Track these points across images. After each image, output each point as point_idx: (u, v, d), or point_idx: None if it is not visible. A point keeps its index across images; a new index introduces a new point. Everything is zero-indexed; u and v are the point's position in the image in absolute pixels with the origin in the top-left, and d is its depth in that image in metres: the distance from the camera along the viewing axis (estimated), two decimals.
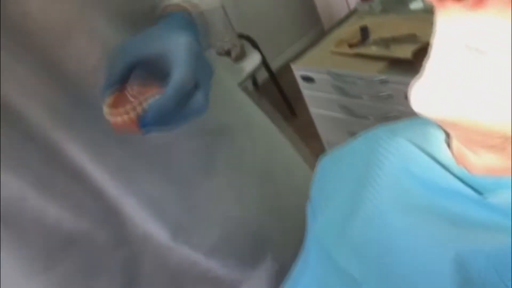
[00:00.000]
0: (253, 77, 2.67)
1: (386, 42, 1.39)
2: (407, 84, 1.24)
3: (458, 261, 0.34)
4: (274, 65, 2.82)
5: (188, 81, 0.50)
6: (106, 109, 0.50)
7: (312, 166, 0.80)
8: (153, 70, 0.53)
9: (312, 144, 2.32)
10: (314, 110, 1.70)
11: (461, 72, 0.33)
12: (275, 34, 3.01)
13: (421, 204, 0.41)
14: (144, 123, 0.49)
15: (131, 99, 0.50)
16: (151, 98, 0.49)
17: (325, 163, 0.59)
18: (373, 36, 1.47)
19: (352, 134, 1.58)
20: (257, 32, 2.56)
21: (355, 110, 1.52)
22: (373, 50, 1.42)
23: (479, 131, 0.34)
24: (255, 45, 2.45)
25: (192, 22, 0.61)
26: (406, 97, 1.27)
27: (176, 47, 0.53)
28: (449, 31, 0.34)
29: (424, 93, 0.36)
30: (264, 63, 2.47)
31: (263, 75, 2.75)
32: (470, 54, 0.32)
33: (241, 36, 2.46)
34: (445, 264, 0.35)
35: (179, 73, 0.51)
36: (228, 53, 2.28)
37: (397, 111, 1.40)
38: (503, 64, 0.30)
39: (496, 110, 0.32)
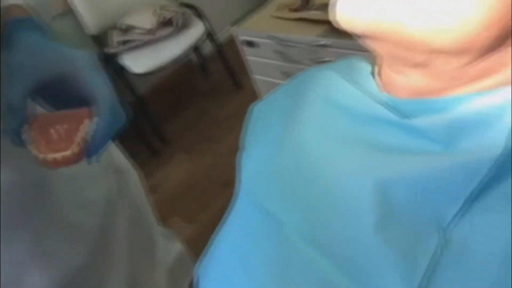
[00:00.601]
0: (198, 49, 2.61)
1: (327, 6, 1.38)
2: (348, 48, 1.25)
3: (381, 189, 0.33)
4: (222, 37, 2.76)
5: (112, 98, 0.49)
6: (36, 150, 0.47)
7: None
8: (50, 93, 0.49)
9: None
10: (258, 77, 1.67)
11: None
12: (219, 2, 2.94)
13: (345, 132, 0.39)
14: (93, 151, 0.49)
15: (61, 131, 0.49)
16: (88, 126, 0.49)
17: (256, 109, 0.57)
18: (315, 0, 1.46)
19: None
20: (202, 1, 2.49)
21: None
22: (314, 14, 1.40)
23: (403, 44, 0.32)
24: (200, 15, 2.38)
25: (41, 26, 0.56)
26: None
27: (80, 65, 0.50)
28: None
29: (347, 3, 0.34)
30: (209, 34, 2.41)
31: (208, 47, 2.69)
32: None
33: (185, 5, 2.39)
34: (367, 192, 0.34)
35: (102, 92, 0.49)
36: (169, 23, 2.20)
37: None
38: None
39: (417, 17, 0.30)
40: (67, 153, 0.47)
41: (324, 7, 1.39)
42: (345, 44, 1.27)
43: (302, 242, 0.38)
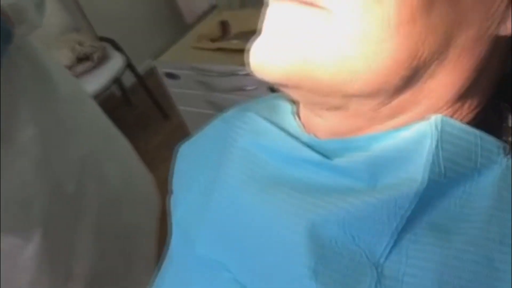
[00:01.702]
0: (119, 81, 2.55)
1: (246, 36, 1.41)
2: None
3: (313, 231, 0.33)
4: (142, 68, 2.72)
5: None
6: None
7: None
8: None
9: None
10: (183, 108, 1.66)
11: (296, 26, 0.31)
12: (138, 35, 2.90)
13: (272, 176, 0.39)
14: None
15: None
16: None
17: (182, 151, 0.56)
18: (233, 30, 1.48)
19: None
20: (118, 30, 2.45)
21: (222, 104, 1.52)
22: (233, 44, 1.42)
23: (320, 91, 0.32)
24: (118, 48, 2.34)
25: None
26: (268, 89, 1.30)
27: None
28: None
29: (262, 50, 0.33)
30: (130, 65, 2.37)
31: (129, 80, 2.64)
32: (303, 8, 0.30)
33: (103, 39, 2.34)
34: (300, 236, 0.33)
35: None
36: (88, 58, 2.15)
37: None
38: (336, 15, 0.29)
39: (332, 65, 0.30)
40: None
41: (243, 35, 1.41)
42: None
43: None
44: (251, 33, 1.32)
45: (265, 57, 0.33)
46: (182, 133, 2.07)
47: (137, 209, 1.05)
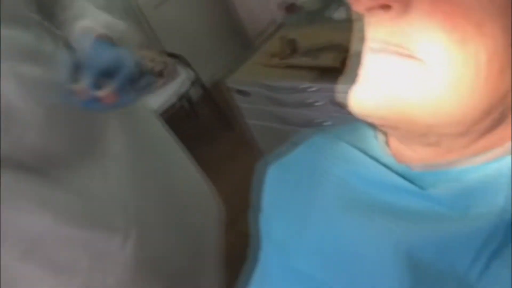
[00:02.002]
0: (187, 95, 2.66)
1: (314, 52, 1.45)
2: (337, 92, 1.29)
3: (409, 254, 0.36)
4: (206, 81, 2.82)
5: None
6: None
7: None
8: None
9: (249, 155, 2.35)
10: (252, 122, 1.72)
11: (393, 75, 0.35)
12: (204, 52, 3.02)
13: (369, 203, 0.43)
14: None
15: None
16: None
17: (272, 172, 0.60)
18: (301, 47, 1.53)
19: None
20: (187, 50, 2.56)
21: (291, 119, 1.56)
22: (302, 60, 1.47)
23: (416, 131, 0.37)
24: (186, 63, 2.44)
25: None
26: (337, 104, 1.32)
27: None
28: (379, 38, 0.36)
29: (362, 96, 0.38)
30: (197, 80, 2.47)
31: (197, 93, 2.74)
32: (401, 58, 0.35)
33: (172, 55, 2.45)
34: (397, 259, 0.37)
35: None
36: (160, 74, 2.26)
37: (330, 118, 1.46)
38: (433, 67, 0.33)
39: (428, 110, 0.34)
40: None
41: (312, 52, 1.46)
42: (336, 88, 1.33)
43: None
44: (319, 50, 1.40)
45: (365, 102, 0.37)
46: (246, 144, 2.13)
47: (199, 213, 1.13)
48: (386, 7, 0.34)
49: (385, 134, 0.47)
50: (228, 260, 1.88)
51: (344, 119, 0.46)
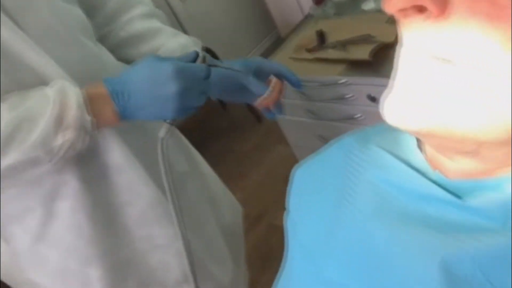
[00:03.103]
0: None
1: (343, 44, 1.42)
2: (367, 85, 1.30)
3: (444, 267, 0.35)
4: None
5: None
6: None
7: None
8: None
9: (279, 148, 2.35)
10: (281, 116, 1.71)
11: (430, 82, 0.33)
12: (232, 44, 3.02)
13: (401, 211, 0.41)
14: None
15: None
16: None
17: (300, 173, 0.59)
18: (329, 39, 1.50)
19: (319, 137, 1.61)
20: (215, 44, 2.56)
21: (320, 113, 1.55)
22: (331, 53, 1.44)
23: (454, 139, 0.35)
24: (215, 57, 2.45)
25: None
26: (368, 97, 1.30)
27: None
28: (414, 42, 0.34)
29: (397, 106, 0.36)
30: None
31: None
32: (438, 64, 0.32)
33: (202, 49, 2.45)
34: (432, 271, 0.35)
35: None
36: None
37: (361, 111, 1.43)
38: (470, 72, 0.31)
39: (468, 117, 0.32)
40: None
41: (340, 45, 1.43)
42: (365, 80, 1.32)
43: None
44: (347, 42, 1.39)
45: (400, 114, 0.35)
46: (275, 136, 2.12)
47: (229, 210, 1.15)
48: (421, 8, 0.32)
49: (418, 138, 0.45)
50: (257, 250, 1.90)
51: (375, 113, 0.44)
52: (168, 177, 0.76)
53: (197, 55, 0.74)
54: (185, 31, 2.68)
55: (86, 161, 0.77)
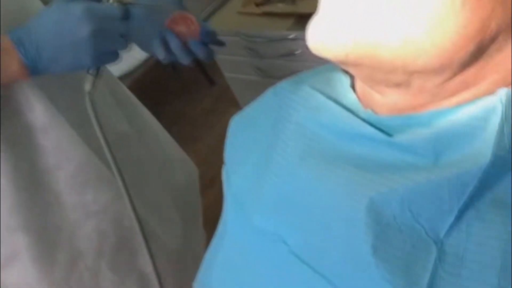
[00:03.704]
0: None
1: None
2: None
3: (372, 208, 0.33)
4: None
5: None
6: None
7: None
8: None
9: (232, 111, 2.31)
10: (229, 75, 1.66)
11: (358, 5, 0.30)
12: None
13: (330, 152, 0.39)
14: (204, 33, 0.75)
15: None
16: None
17: (235, 123, 0.57)
18: None
19: None
20: None
21: (269, 70, 1.51)
22: (279, 7, 1.40)
23: (382, 68, 0.32)
24: None
25: None
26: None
27: None
28: None
29: (321, 30, 0.33)
30: None
31: None
32: None
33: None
34: (360, 212, 0.33)
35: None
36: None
37: (311, 68, 1.40)
38: None
39: (394, 41, 0.29)
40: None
41: None
42: None
43: (301, 262, 0.38)
44: None
45: (324, 36, 0.32)
46: (229, 99, 2.08)
47: (182, 174, 1.11)
48: None
49: (352, 76, 0.42)
50: (210, 213, 1.89)
51: None
52: (104, 137, 0.70)
53: None
54: None
55: (5, 122, 0.70)
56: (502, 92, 0.31)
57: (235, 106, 1.92)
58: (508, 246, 0.29)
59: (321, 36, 0.32)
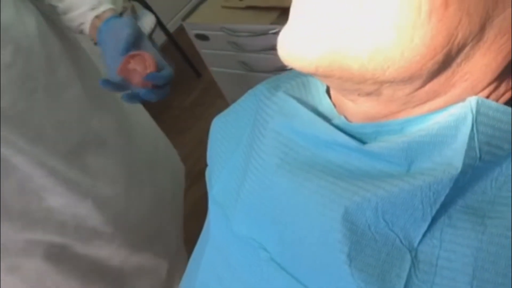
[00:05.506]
0: (150, 40, 2.55)
1: None
2: None
3: (348, 218, 0.33)
4: (171, 27, 2.70)
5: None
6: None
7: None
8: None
9: (218, 102, 2.30)
10: (214, 69, 1.65)
11: (327, 15, 0.30)
12: None
13: (306, 160, 0.39)
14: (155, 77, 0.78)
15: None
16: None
17: (215, 124, 0.56)
18: None
19: None
20: None
21: (253, 64, 1.50)
22: (263, 1, 1.38)
23: (352, 79, 0.32)
24: (147, 6, 2.32)
25: None
26: None
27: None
28: None
29: (290, 41, 0.32)
30: (160, 24, 2.35)
31: (160, 39, 2.63)
32: None
33: None
34: (336, 223, 0.34)
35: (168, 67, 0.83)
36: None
37: None
38: (370, 6, 0.28)
39: (364, 52, 0.29)
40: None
41: None
42: None
43: (281, 269, 0.39)
44: None
45: (293, 47, 0.32)
46: (216, 91, 2.07)
47: (165, 174, 1.12)
48: None
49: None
50: (197, 207, 1.89)
51: None
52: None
53: None
54: None
55: None
56: (473, 101, 0.31)
57: (222, 98, 1.91)
58: (480, 254, 0.30)
59: (289, 48, 0.32)
